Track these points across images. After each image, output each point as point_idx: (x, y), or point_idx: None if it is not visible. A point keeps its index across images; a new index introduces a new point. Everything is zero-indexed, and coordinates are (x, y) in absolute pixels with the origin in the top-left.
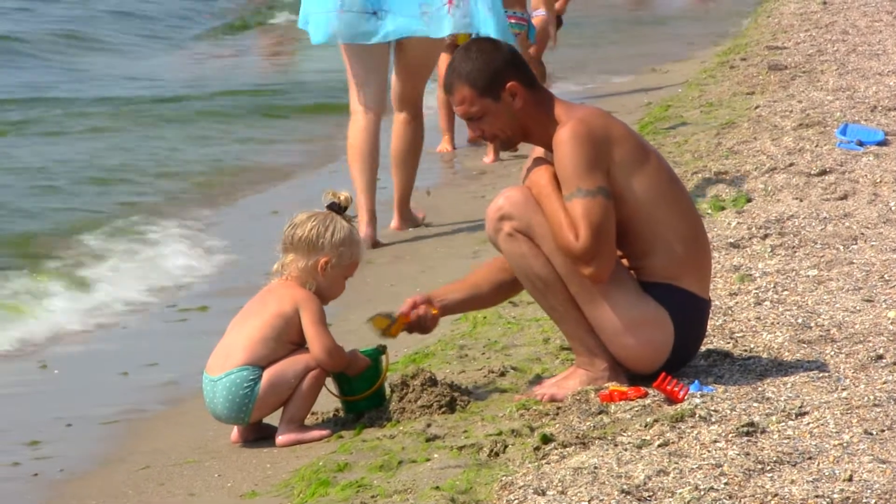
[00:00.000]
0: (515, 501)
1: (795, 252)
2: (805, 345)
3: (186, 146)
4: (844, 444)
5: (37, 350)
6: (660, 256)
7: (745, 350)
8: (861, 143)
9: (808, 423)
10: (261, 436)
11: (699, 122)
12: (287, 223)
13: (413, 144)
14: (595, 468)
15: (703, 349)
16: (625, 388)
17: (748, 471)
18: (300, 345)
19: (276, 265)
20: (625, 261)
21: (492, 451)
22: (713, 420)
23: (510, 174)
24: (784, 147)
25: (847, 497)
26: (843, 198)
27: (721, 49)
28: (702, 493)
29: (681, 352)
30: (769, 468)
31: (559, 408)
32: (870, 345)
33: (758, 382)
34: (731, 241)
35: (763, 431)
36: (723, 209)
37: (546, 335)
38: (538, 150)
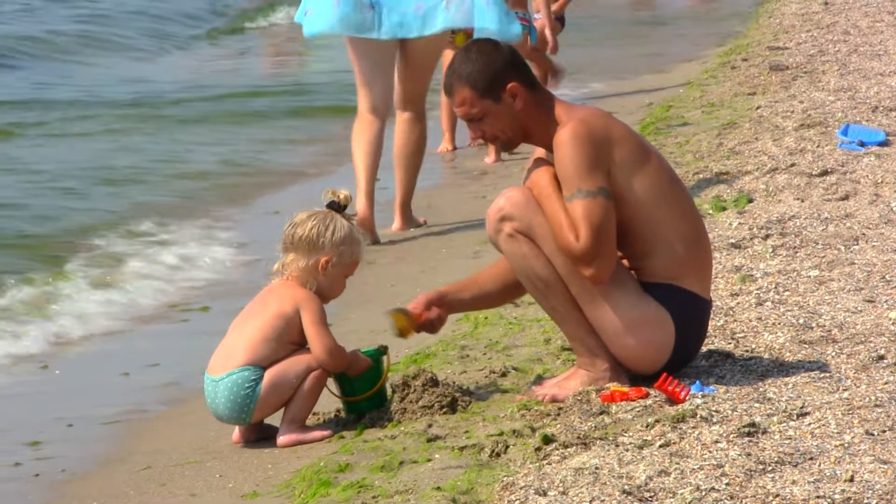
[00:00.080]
0: (517, 502)
1: (797, 252)
2: (806, 345)
3: (197, 147)
4: (846, 445)
5: (38, 350)
6: (661, 257)
7: (747, 350)
8: (862, 144)
9: (810, 424)
10: (262, 436)
11: (700, 123)
12: (287, 223)
13: (416, 145)
14: (596, 468)
15: (705, 350)
16: (626, 389)
17: (749, 471)
18: (301, 345)
19: (277, 265)
20: (625, 261)
21: (493, 452)
22: (714, 420)
23: (511, 174)
24: (785, 147)
25: (848, 497)
26: (845, 198)
27: (723, 49)
28: (703, 494)
29: (682, 352)
30: (770, 469)
31: (560, 408)
32: (871, 345)
33: (759, 383)
34: (733, 242)
35: (764, 432)
36: (724, 209)
37: (547, 336)
38: (539, 151)
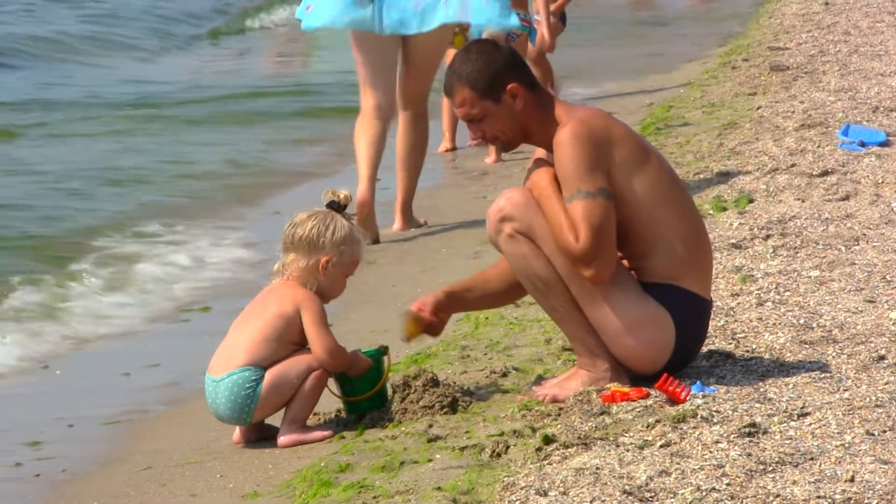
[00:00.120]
0: (517, 502)
1: (797, 253)
2: (807, 345)
3: (202, 148)
4: (846, 445)
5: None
6: (661, 257)
7: (747, 351)
8: (863, 144)
9: (810, 424)
10: (263, 436)
11: (701, 123)
12: (287, 223)
13: (418, 145)
14: (597, 469)
15: (705, 350)
16: (626, 389)
17: (750, 471)
18: (302, 345)
19: (277, 265)
20: (625, 261)
21: (494, 452)
22: (715, 421)
23: (512, 175)
24: (786, 148)
25: (849, 498)
26: (845, 198)
27: (724, 50)
28: (704, 494)
29: (682, 352)
30: (771, 469)
31: (561, 408)
32: (871, 345)
33: (759, 383)
34: (733, 242)
35: (765, 432)
36: (724, 210)
37: (548, 336)
38: (540, 151)
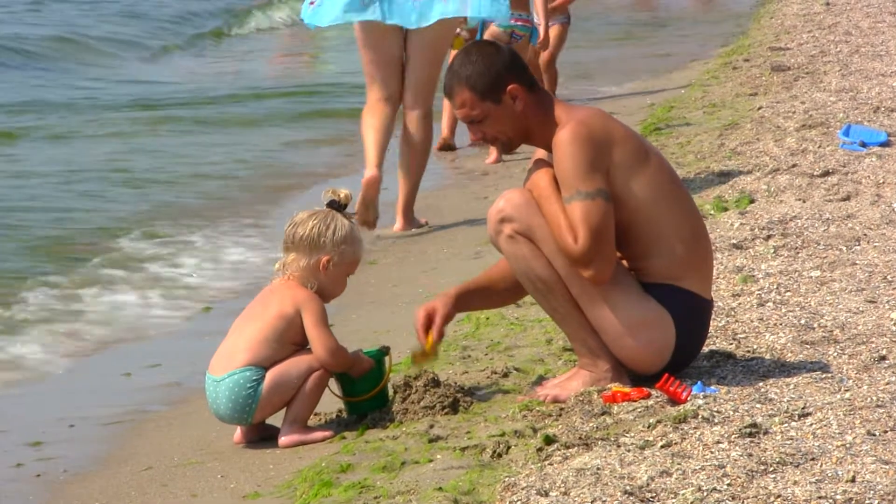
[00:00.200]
0: (518, 502)
1: (798, 253)
2: (808, 346)
3: (215, 149)
4: (847, 445)
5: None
6: (661, 257)
7: (748, 351)
8: (864, 145)
9: (811, 424)
10: (264, 436)
11: (702, 123)
12: (288, 222)
13: (422, 145)
14: (598, 469)
15: (706, 350)
16: (627, 389)
17: (751, 472)
18: (302, 345)
19: (278, 264)
20: (625, 262)
21: (495, 452)
22: (716, 421)
23: (513, 175)
24: (787, 148)
25: (850, 498)
26: (846, 199)
27: (725, 50)
28: (705, 495)
29: (683, 352)
30: (772, 469)
31: (562, 409)
32: (873, 346)
33: (760, 383)
34: (734, 242)
35: (766, 432)
36: (725, 210)
37: (549, 336)
38: (540, 152)
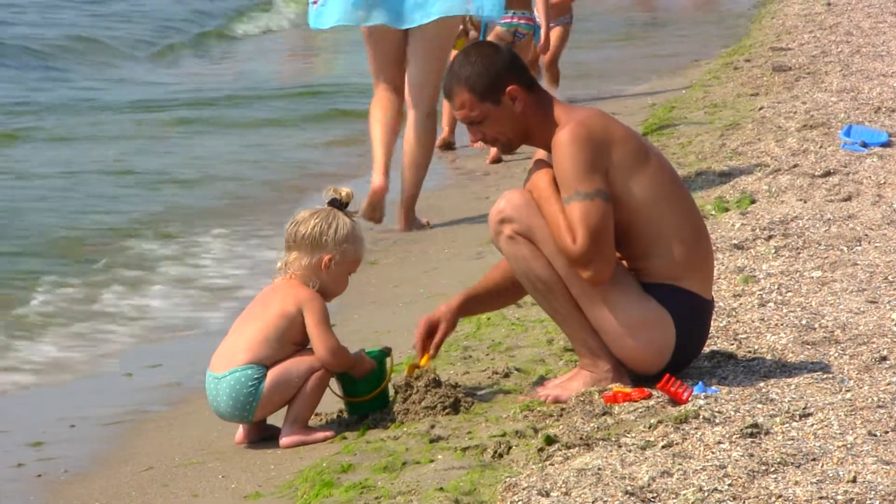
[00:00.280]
0: (519, 503)
1: (799, 253)
2: (809, 346)
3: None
4: (848, 446)
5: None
6: (661, 257)
7: (749, 351)
8: (865, 145)
9: (812, 425)
10: (265, 437)
11: (703, 124)
12: (289, 221)
13: (425, 145)
14: (599, 469)
15: (707, 350)
16: (628, 390)
17: (752, 472)
18: (303, 345)
19: (280, 263)
20: (625, 262)
21: (496, 453)
22: (717, 421)
23: (514, 175)
24: (788, 148)
25: (851, 498)
26: (847, 199)
27: (726, 50)
28: (706, 495)
29: (684, 352)
30: (773, 469)
31: (563, 409)
32: (874, 346)
33: (762, 384)
34: (735, 243)
35: (767, 433)
36: (727, 210)
37: (550, 336)
38: (540, 153)
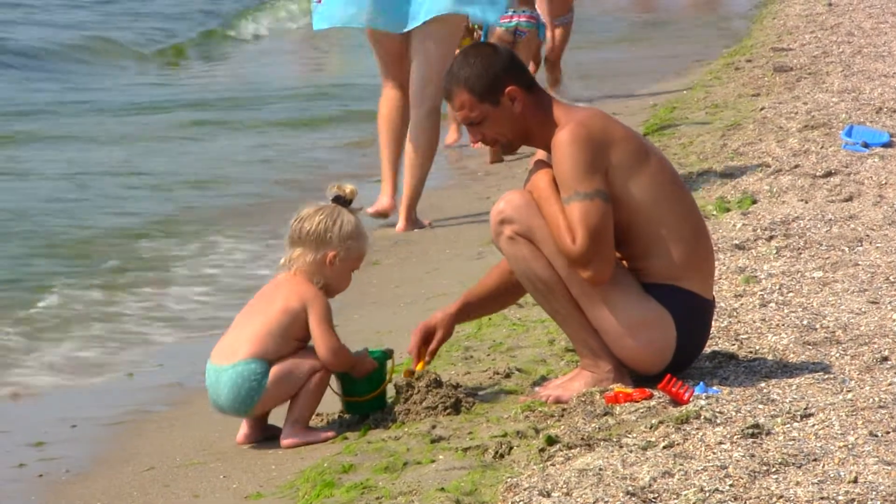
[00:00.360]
0: (520, 503)
1: (801, 254)
2: (810, 346)
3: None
4: (849, 446)
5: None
6: (661, 257)
7: (751, 352)
8: (866, 145)
9: (814, 425)
10: (266, 437)
11: (704, 124)
12: (294, 217)
13: (427, 144)
14: (600, 470)
15: (708, 351)
16: (630, 390)
17: (753, 472)
18: (305, 341)
19: (284, 259)
20: (625, 262)
21: (497, 453)
22: (718, 422)
23: (515, 175)
24: (789, 149)
25: (852, 499)
26: (849, 199)
27: (727, 51)
28: (707, 495)
29: (684, 352)
30: (774, 470)
31: (564, 409)
32: (875, 346)
33: (763, 384)
34: (737, 243)
35: (768, 433)
36: (728, 210)
37: (551, 337)
38: (540, 153)
